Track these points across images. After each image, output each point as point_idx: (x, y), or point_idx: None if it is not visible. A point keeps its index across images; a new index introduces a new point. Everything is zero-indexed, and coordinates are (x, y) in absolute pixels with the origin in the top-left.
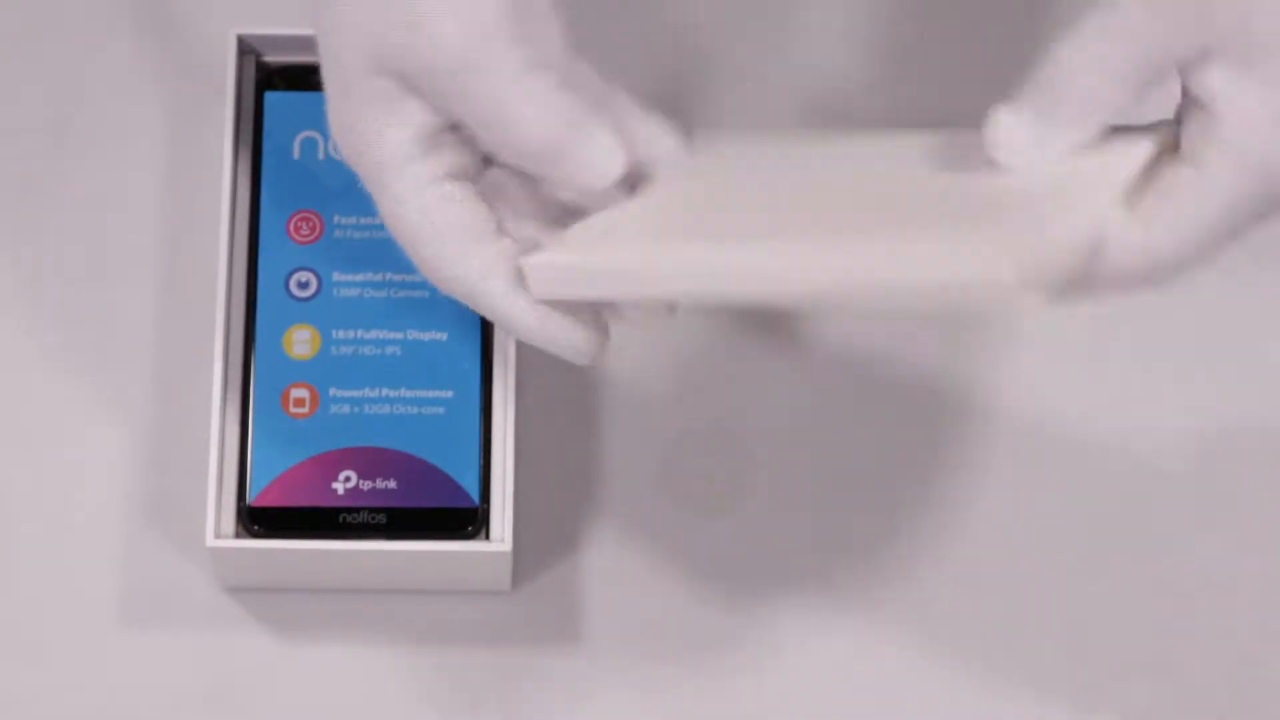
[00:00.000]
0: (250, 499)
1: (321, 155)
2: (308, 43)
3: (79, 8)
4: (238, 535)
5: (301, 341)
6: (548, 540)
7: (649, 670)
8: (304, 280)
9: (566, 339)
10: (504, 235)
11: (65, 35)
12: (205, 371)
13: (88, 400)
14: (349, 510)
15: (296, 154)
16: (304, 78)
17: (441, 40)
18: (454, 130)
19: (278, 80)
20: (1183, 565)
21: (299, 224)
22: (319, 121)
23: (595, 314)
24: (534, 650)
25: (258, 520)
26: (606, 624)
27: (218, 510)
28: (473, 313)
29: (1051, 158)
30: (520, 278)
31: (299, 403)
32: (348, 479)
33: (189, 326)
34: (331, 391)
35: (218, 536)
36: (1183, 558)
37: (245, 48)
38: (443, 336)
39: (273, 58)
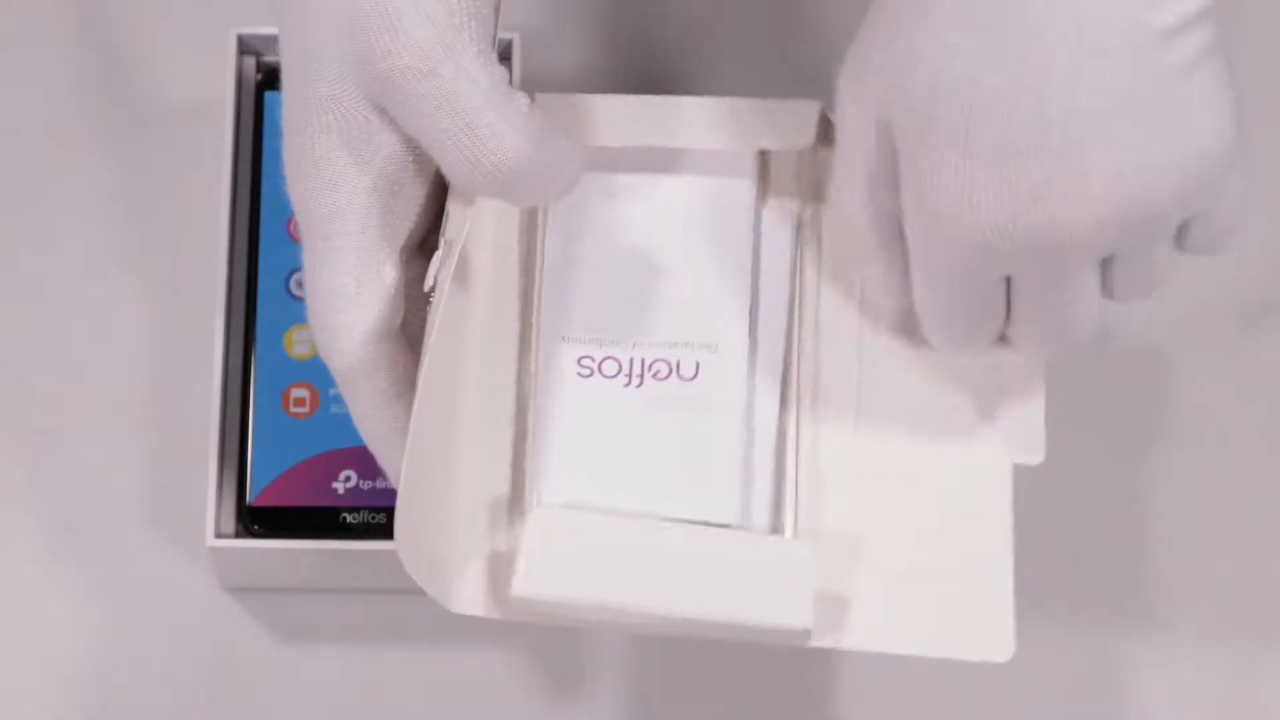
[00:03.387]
0: (250, 499)
1: None
2: None
3: (79, 7)
4: (238, 535)
5: (301, 341)
6: None
7: (649, 670)
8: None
9: (390, 467)
10: (402, 340)
11: (65, 35)
12: (205, 371)
13: (88, 400)
14: (349, 510)
15: None
16: None
17: (415, 39)
18: (414, 177)
19: (278, 80)
20: (1184, 564)
21: None
22: None
23: None
24: (534, 650)
25: (258, 520)
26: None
27: (218, 510)
28: None
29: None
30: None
31: (299, 402)
32: (348, 479)
33: (189, 326)
34: (332, 391)
35: (218, 536)
36: (1184, 556)
37: (245, 48)
38: None
39: (273, 58)
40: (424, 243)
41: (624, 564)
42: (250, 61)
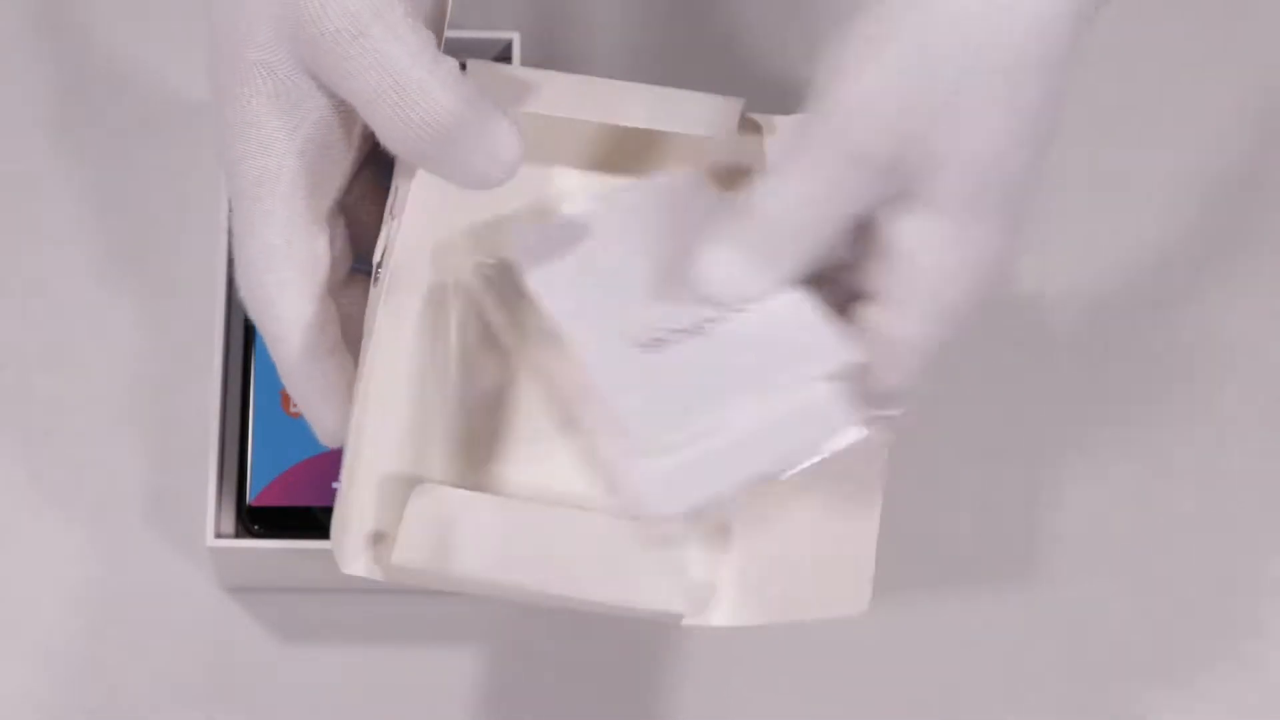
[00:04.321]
0: (250, 499)
1: None
2: None
3: (79, 7)
4: (238, 535)
5: None
6: None
7: (648, 670)
8: None
9: (316, 422)
10: (330, 299)
11: (65, 35)
12: (205, 371)
13: (88, 400)
14: None
15: None
16: None
17: (344, 3)
18: (341, 139)
19: None
20: (1184, 564)
21: None
22: None
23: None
24: (533, 650)
25: (258, 520)
26: (606, 623)
27: (218, 510)
28: None
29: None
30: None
31: None
32: None
33: (189, 326)
34: None
35: (218, 536)
36: (1184, 557)
37: None
38: None
39: None
40: (343, 205)
41: (508, 544)
42: None
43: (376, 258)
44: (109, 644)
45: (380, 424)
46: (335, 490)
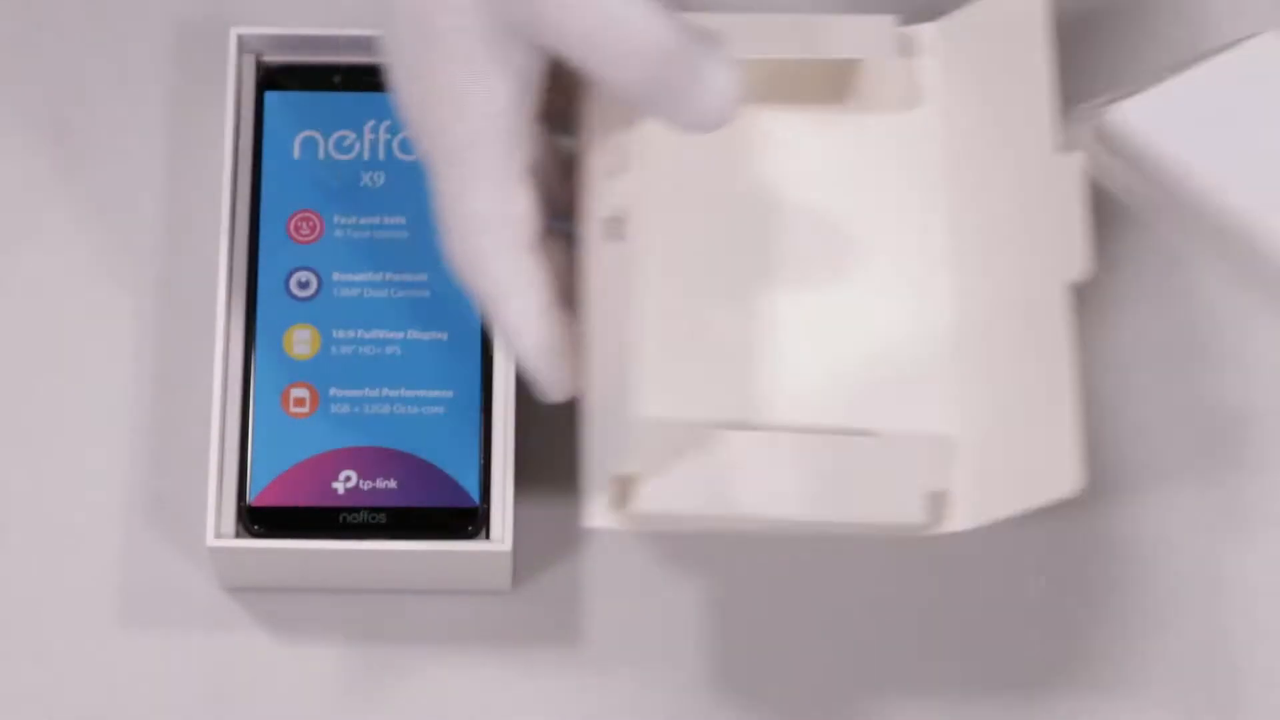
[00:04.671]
0: (250, 499)
1: (321, 155)
2: (308, 42)
3: (79, 7)
4: (238, 535)
5: (301, 341)
6: (548, 540)
7: (648, 670)
8: (304, 280)
9: (548, 375)
10: (541, 256)
11: (65, 35)
12: (205, 371)
13: (88, 400)
14: (349, 510)
15: (296, 154)
16: (304, 78)
17: None
18: (532, 97)
19: (278, 80)
20: (1179, 565)
21: (299, 224)
22: (319, 121)
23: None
24: (534, 650)
25: (258, 520)
26: (606, 624)
27: (218, 510)
28: (473, 313)
29: None
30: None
31: (299, 402)
32: (348, 479)
33: (189, 326)
34: (331, 391)
35: (218, 536)
36: (1181, 558)
37: (245, 48)
38: (443, 336)
39: (273, 58)
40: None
41: (752, 475)
42: (250, 61)
43: (602, 212)
44: (109, 644)
45: (617, 373)
46: (335, 490)
